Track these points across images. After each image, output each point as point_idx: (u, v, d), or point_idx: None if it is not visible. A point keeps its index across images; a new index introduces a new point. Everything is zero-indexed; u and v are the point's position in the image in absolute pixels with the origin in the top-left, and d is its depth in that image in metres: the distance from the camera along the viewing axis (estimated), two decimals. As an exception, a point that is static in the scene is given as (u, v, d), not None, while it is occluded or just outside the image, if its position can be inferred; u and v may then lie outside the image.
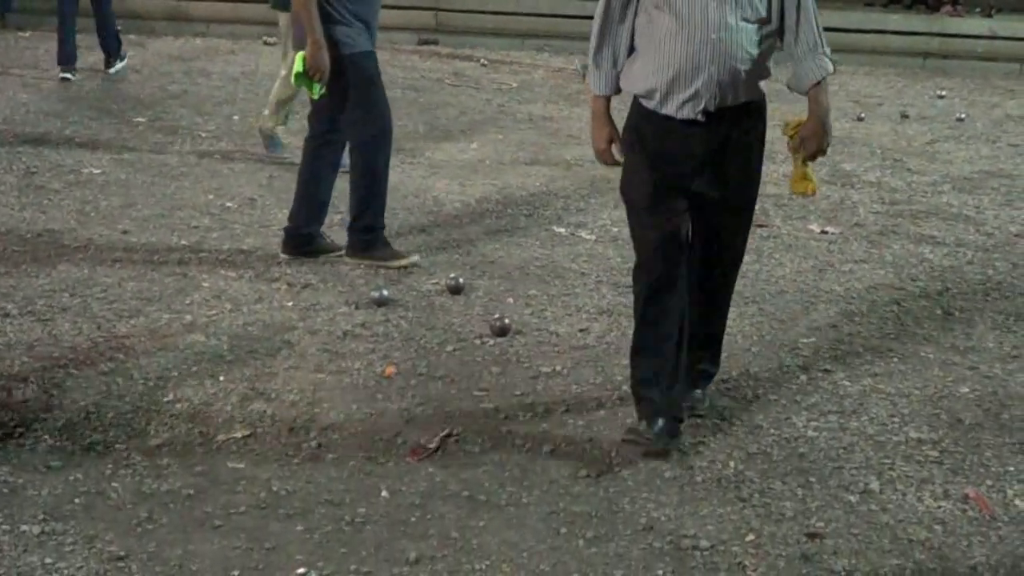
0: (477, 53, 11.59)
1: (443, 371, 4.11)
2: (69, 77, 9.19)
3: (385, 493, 3.28)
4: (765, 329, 4.61)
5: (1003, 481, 3.48)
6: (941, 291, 5.17)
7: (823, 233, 5.96)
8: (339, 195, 5.31)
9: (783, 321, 4.71)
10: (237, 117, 8.18)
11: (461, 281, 4.89)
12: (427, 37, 12.21)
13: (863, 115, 9.16)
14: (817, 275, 5.31)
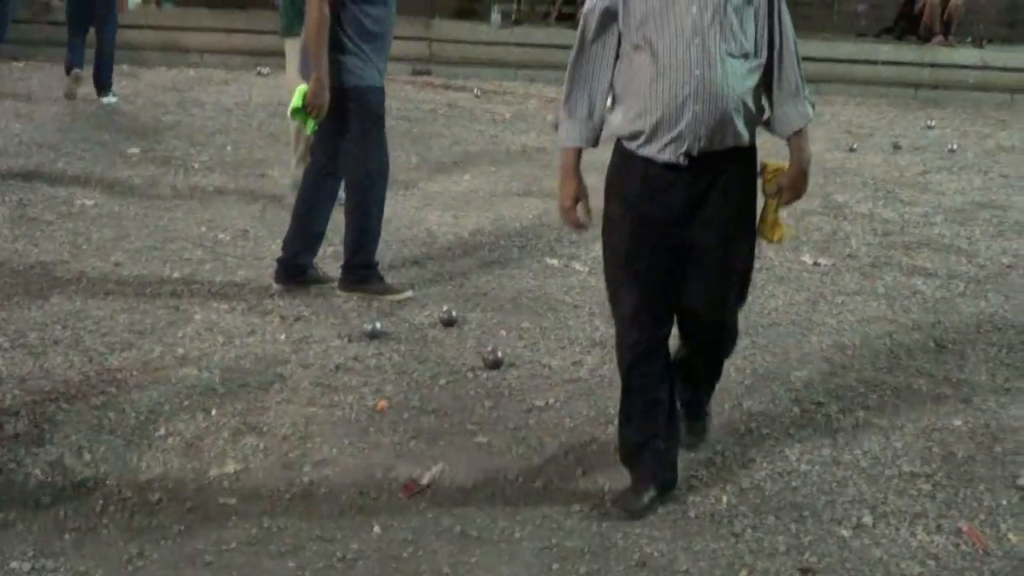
0: (470, 83, 11.66)
1: (436, 404, 4.11)
2: (80, 74, 9.54)
3: (377, 529, 3.27)
4: (758, 362, 4.61)
5: (996, 515, 3.48)
6: (934, 323, 5.17)
7: (816, 265, 5.97)
8: (333, 227, 5.32)
9: (775, 354, 4.71)
10: (230, 147, 8.21)
11: (454, 313, 4.89)
12: (420, 67, 12.28)
13: (855, 146, 9.20)
14: (810, 307, 5.31)
